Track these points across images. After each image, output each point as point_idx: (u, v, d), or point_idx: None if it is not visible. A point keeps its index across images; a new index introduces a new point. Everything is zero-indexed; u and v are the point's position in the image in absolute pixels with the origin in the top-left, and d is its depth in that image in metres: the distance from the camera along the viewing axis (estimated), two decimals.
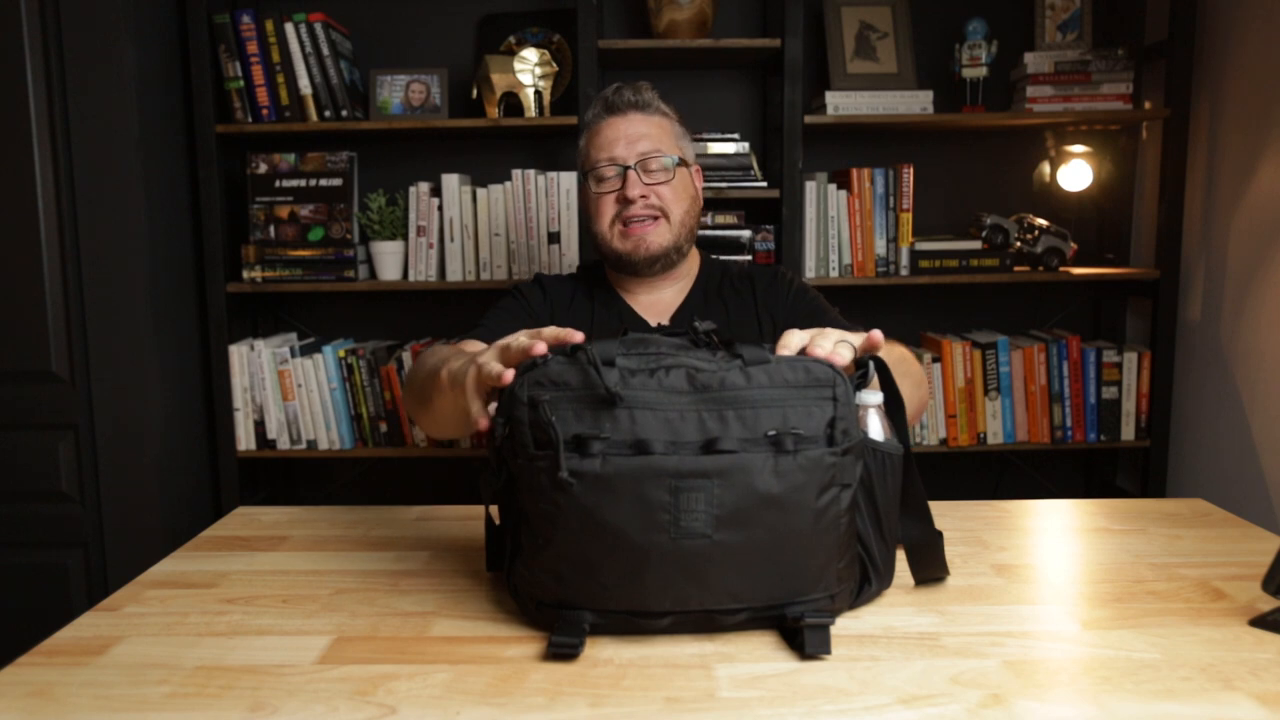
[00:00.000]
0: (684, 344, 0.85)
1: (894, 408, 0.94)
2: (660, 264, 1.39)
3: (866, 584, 0.90)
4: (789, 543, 0.80)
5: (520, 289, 1.45)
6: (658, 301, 1.44)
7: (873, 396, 0.93)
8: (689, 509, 0.77)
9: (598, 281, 1.47)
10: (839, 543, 0.83)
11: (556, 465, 0.78)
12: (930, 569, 0.97)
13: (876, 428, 0.93)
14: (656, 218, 1.36)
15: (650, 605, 0.81)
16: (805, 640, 0.80)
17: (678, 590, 0.80)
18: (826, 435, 0.81)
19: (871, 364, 0.90)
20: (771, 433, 0.78)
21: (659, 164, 1.37)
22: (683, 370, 0.80)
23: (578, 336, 0.84)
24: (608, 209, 1.38)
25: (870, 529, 0.89)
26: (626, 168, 1.35)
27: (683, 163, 1.40)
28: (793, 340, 0.87)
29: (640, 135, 1.37)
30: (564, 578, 0.82)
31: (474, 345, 1.23)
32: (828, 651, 0.80)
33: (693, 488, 0.77)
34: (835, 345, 0.87)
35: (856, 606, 0.91)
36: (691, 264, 1.47)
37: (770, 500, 0.78)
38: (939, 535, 0.96)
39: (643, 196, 1.35)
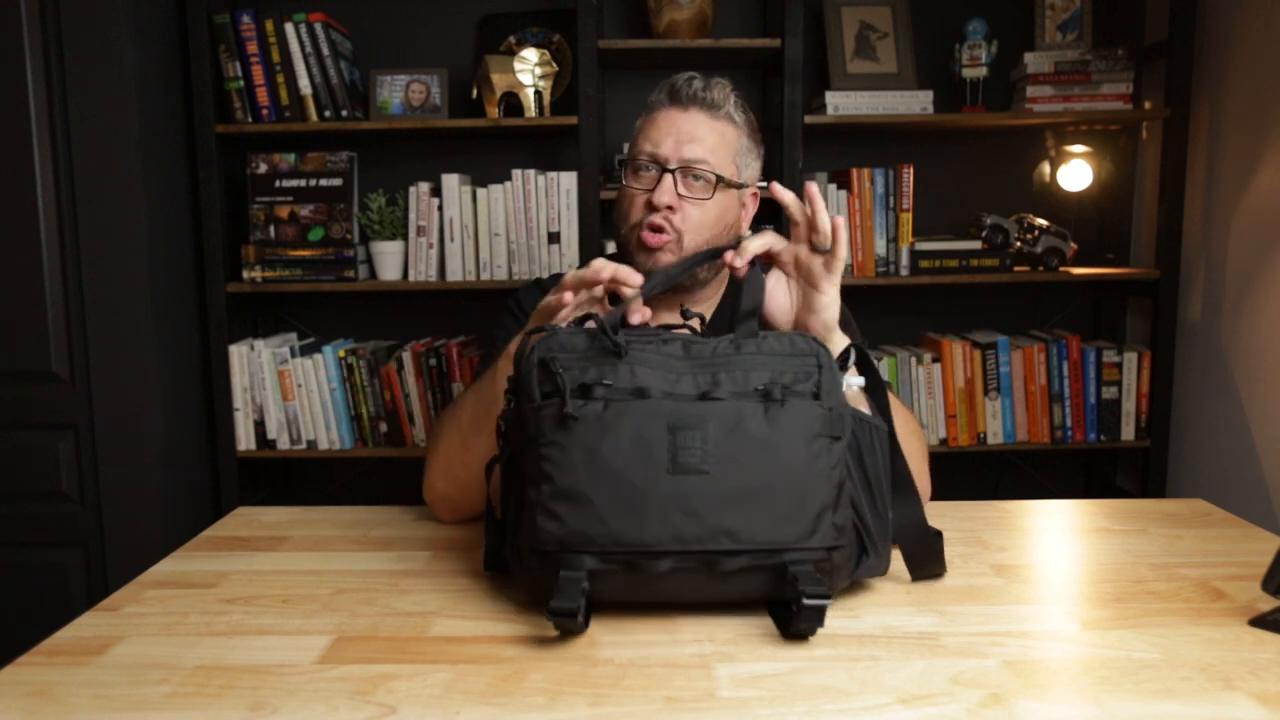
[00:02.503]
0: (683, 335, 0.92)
1: (875, 391, 0.96)
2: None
3: (864, 555, 0.91)
4: (782, 481, 0.84)
5: (520, 301, 1.30)
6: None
7: (854, 379, 0.97)
8: (686, 446, 0.83)
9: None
10: (832, 493, 0.86)
11: (562, 405, 0.84)
12: (927, 565, 0.97)
13: (860, 410, 0.96)
14: (669, 238, 1.18)
15: (649, 541, 0.82)
16: (800, 615, 0.80)
17: (675, 526, 0.82)
18: (812, 393, 0.87)
19: (853, 351, 0.94)
20: (760, 387, 0.85)
21: (700, 177, 1.18)
22: (678, 341, 0.89)
23: (636, 279, 0.98)
24: (635, 210, 1.20)
25: (862, 495, 0.91)
26: (665, 170, 1.18)
27: (729, 184, 1.20)
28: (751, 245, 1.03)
29: (693, 138, 1.18)
30: (563, 517, 0.84)
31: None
32: (820, 624, 0.82)
33: (689, 426, 0.84)
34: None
35: (856, 577, 0.91)
36: (718, 288, 1.30)
37: (763, 442, 0.84)
38: (938, 535, 0.97)
39: (668, 207, 1.17)
